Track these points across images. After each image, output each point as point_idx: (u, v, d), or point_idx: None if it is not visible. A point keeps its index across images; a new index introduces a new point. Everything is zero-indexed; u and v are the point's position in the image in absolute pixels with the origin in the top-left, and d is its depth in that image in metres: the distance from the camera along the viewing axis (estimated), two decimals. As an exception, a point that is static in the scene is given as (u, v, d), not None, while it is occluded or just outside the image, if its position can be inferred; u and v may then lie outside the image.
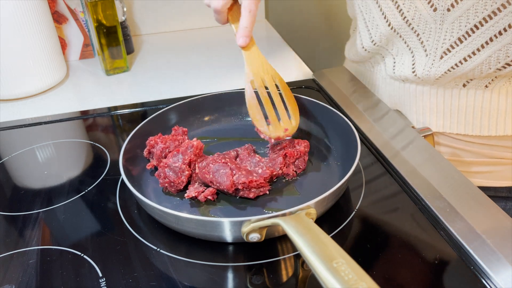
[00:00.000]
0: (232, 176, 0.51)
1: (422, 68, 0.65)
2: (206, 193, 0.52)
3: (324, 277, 0.33)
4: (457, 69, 0.62)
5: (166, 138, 0.58)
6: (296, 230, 0.39)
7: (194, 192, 0.52)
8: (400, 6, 0.63)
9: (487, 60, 0.60)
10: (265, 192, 0.53)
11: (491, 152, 0.68)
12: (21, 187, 0.60)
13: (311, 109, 0.65)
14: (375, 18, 0.68)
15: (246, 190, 0.52)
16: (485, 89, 0.64)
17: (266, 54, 1.00)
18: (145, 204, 0.48)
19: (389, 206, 0.53)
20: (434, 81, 0.65)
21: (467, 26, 0.59)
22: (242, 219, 0.43)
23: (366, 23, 0.70)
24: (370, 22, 0.69)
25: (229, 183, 0.50)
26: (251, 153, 0.58)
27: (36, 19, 0.82)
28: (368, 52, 0.73)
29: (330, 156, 0.60)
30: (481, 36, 0.58)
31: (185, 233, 0.49)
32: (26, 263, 0.47)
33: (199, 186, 0.53)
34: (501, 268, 0.42)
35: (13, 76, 0.82)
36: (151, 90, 0.87)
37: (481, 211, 0.49)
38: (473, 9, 0.57)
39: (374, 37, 0.70)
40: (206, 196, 0.52)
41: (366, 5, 0.69)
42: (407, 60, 0.67)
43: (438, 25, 0.61)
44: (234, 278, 0.45)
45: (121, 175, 0.51)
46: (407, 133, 0.64)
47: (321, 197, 0.45)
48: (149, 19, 1.15)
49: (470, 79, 0.64)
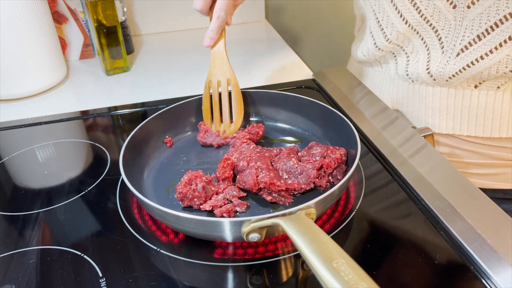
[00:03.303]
0: (257, 176, 0.52)
1: (436, 65, 0.65)
2: (223, 210, 0.50)
3: (324, 277, 0.33)
4: (472, 68, 0.61)
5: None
6: (296, 230, 0.39)
7: (209, 206, 0.50)
8: (417, 4, 0.63)
9: (504, 59, 0.59)
10: (285, 203, 0.52)
11: (499, 154, 0.67)
12: (21, 187, 0.60)
13: (311, 109, 0.65)
14: (389, 17, 0.68)
15: (266, 191, 0.52)
16: (497, 90, 0.63)
17: (266, 54, 1.00)
18: (146, 204, 0.48)
19: (389, 206, 0.53)
20: (446, 80, 0.65)
21: (487, 23, 0.58)
22: (242, 219, 0.43)
23: (380, 22, 0.70)
24: (384, 21, 0.69)
25: (253, 183, 0.51)
26: (291, 154, 0.57)
27: (36, 19, 0.82)
28: (382, 50, 0.73)
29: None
30: (500, 34, 0.58)
31: (185, 233, 0.49)
32: (26, 263, 0.47)
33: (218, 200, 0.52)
34: (501, 268, 0.42)
35: (13, 76, 0.82)
36: (151, 90, 0.87)
37: (481, 211, 0.49)
38: (494, 6, 0.56)
39: (389, 36, 0.69)
40: (222, 213, 0.50)
41: (380, 5, 0.68)
42: (422, 57, 0.67)
43: (458, 22, 0.61)
44: (234, 278, 0.45)
45: (121, 175, 0.51)
46: (407, 133, 0.64)
47: (321, 197, 0.45)
48: (149, 19, 1.15)
49: (483, 81, 0.63)
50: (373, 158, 0.61)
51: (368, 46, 0.74)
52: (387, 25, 0.69)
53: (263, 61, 0.97)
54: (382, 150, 0.61)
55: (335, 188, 0.47)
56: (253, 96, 0.69)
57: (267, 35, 1.14)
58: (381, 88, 0.77)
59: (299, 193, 0.54)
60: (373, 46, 0.73)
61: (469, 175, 0.70)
